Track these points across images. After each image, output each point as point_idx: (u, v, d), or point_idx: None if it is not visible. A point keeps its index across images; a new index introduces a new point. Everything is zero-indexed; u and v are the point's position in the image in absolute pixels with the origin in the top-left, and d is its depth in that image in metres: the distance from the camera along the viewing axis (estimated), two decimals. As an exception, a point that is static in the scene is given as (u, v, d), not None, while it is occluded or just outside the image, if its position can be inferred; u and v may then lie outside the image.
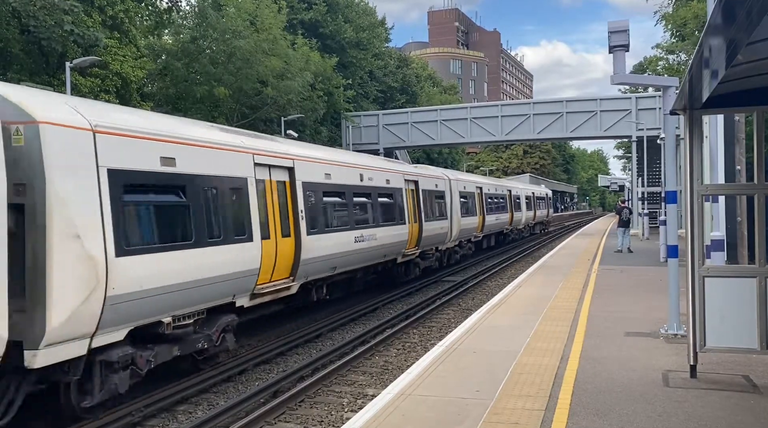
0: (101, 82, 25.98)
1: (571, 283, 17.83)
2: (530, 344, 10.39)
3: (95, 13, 26.16)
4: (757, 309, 7.85)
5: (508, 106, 51.02)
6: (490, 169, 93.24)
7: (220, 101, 35.43)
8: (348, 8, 54.75)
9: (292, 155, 13.99)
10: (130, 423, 9.05)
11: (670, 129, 12.93)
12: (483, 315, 13.05)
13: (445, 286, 22.80)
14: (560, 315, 12.96)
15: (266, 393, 10.30)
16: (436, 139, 49.95)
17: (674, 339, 10.65)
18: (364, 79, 55.56)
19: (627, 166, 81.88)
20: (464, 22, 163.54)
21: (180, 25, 35.74)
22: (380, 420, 6.99)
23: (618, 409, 7.18)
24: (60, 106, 8.43)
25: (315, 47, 45.28)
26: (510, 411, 7.15)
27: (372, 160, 20.81)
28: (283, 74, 36.98)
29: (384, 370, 12.04)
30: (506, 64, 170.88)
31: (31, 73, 24.30)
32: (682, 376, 8.39)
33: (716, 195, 15.08)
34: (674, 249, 11.34)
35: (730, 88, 7.27)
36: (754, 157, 8.51)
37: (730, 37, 4.39)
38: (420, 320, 16.56)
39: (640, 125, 41.89)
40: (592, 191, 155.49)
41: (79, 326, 8.05)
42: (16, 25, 23.52)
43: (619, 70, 11.73)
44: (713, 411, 7.12)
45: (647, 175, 43.05)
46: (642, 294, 15.79)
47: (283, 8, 40.85)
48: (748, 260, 17.08)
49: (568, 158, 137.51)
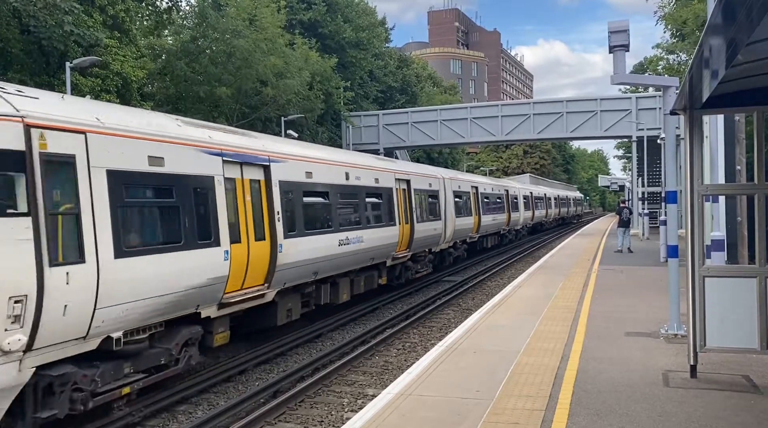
0: (102, 82, 25.97)
1: (571, 283, 17.83)
2: (530, 344, 10.39)
3: (96, 12, 26.16)
4: (757, 309, 7.85)
5: (508, 106, 51.00)
6: (490, 169, 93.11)
7: (221, 101, 35.43)
8: (348, 8, 54.69)
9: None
10: (130, 423, 9.05)
11: (671, 129, 12.95)
12: (483, 315, 13.05)
13: (445, 286, 22.81)
14: (560, 315, 12.96)
15: (266, 393, 10.30)
16: (436, 139, 49.94)
17: (674, 339, 10.65)
18: (364, 79, 55.52)
19: (627, 166, 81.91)
20: (464, 22, 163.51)
21: (180, 25, 35.73)
22: (380, 420, 6.99)
23: (618, 409, 7.18)
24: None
25: (315, 47, 45.25)
26: (510, 411, 7.15)
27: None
28: (283, 73, 36.96)
29: (384, 370, 12.04)
30: (506, 64, 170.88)
31: (32, 73, 24.29)
32: (682, 376, 8.39)
33: (716, 195, 15.09)
34: (674, 249, 11.34)
35: (730, 88, 7.27)
36: (754, 157, 8.51)
37: (730, 37, 4.39)
38: (420, 320, 16.56)
39: (640, 125, 41.88)
40: (592, 191, 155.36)
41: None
42: (17, 25, 23.51)
43: (619, 70, 11.73)
44: (713, 411, 7.12)
45: (647, 175, 43.05)
46: (642, 294, 15.79)
47: (282, 8, 40.82)
48: (748, 260, 17.08)
49: (568, 158, 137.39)
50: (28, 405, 7.75)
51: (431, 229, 23.29)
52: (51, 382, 7.95)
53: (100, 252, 8.38)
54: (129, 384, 9.06)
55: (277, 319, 13.30)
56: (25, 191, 7.52)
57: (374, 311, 18.10)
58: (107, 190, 8.70)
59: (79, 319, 8.13)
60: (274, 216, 12.71)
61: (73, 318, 8.03)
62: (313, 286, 14.85)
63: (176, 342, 10.04)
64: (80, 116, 8.63)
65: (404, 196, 20.95)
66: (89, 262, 8.22)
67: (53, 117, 8.08)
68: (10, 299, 7.27)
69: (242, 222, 11.77)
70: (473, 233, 30.50)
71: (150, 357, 9.61)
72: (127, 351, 9.09)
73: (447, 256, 26.97)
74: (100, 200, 8.58)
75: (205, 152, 10.88)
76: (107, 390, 8.69)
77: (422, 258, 23.10)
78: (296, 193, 13.84)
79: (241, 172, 11.99)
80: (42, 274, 7.54)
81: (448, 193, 25.91)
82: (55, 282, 7.69)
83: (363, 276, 17.84)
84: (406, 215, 20.76)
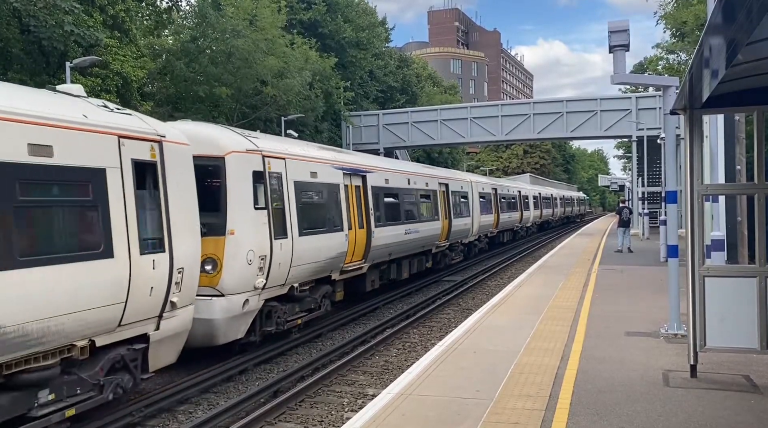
0: (102, 82, 25.96)
1: (571, 283, 17.83)
2: (530, 344, 10.39)
3: (96, 12, 26.14)
4: (757, 309, 7.85)
5: (508, 106, 51.02)
6: (490, 168, 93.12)
7: (221, 101, 35.42)
8: (348, 8, 54.65)
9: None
10: (130, 423, 9.05)
11: (671, 129, 12.96)
12: (483, 315, 13.05)
13: (445, 286, 22.81)
14: (560, 314, 12.96)
15: (266, 393, 10.30)
16: (437, 139, 49.95)
17: (674, 339, 10.65)
18: (364, 79, 55.48)
19: (627, 165, 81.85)
20: (464, 21, 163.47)
21: (180, 25, 35.70)
22: (380, 420, 7.00)
23: (618, 409, 7.18)
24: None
25: (314, 47, 45.20)
26: (510, 411, 7.15)
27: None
28: (283, 73, 36.94)
29: (384, 370, 12.05)
30: (506, 64, 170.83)
31: (32, 73, 24.28)
32: (682, 376, 8.39)
33: (716, 195, 15.08)
34: (674, 249, 11.34)
35: (730, 88, 7.27)
36: (754, 157, 8.51)
37: (730, 37, 4.38)
38: (420, 320, 16.57)
39: (640, 125, 41.87)
40: (592, 191, 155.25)
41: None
42: (17, 25, 23.50)
43: (619, 69, 11.74)
44: (713, 411, 7.12)
45: (647, 175, 43.03)
46: (642, 294, 15.79)
47: (282, 8, 40.77)
48: (748, 260, 17.08)
49: (568, 158, 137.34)
50: (257, 321, 12.47)
51: (463, 224, 27.92)
52: (270, 310, 12.83)
53: (293, 232, 13.25)
54: (300, 318, 14.01)
55: (366, 286, 18.01)
56: (263, 195, 12.38)
57: (374, 311, 18.12)
58: (294, 194, 13.55)
59: (283, 272, 12.89)
60: (369, 211, 17.59)
61: (281, 272, 12.81)
62: (386, 265, 19.53)
63: (319, 294, 14.85)
64: (281, 148, 13.65)
65: (444, 197, 25.56)
66: (288, 238, 13.06)
67: (271, 150, 13.05)
68: (259, 257, 12.04)
69: (352, 215, 16.51)
70: (493, 228, 35.36)
71: (307, 302, 14.37)
72: (298, 296, 13.77)
73: (473, 248, 31.37)
74: (292, 200, 13.41)
75: (335, 168, 16.01)
76: (291, 320, 13.55)
77: (456, 248, 27.81)
78: (380, 195, 18.71)
79: (351, 180, 16.84)
80: (272, 243, 12.41)
81: (474, 194, 30.49)
82: (276, 248, 12.52)
83: (416, 260, 22.47)
84: (445, 212, 25.39)
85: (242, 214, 11.84)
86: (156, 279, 9.07)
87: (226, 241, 11.51)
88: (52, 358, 7.71)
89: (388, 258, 19.13)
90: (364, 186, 17.46)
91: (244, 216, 11.87)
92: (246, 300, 11.75)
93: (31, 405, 7.57)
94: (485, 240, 33.59)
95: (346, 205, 15.97)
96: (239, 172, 11.94)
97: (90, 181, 8.16)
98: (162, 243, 9.30)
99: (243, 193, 11.94)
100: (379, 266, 18.75)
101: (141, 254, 8.77)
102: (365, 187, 17.52)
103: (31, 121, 7.46)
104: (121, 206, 8.56)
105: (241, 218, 11.80)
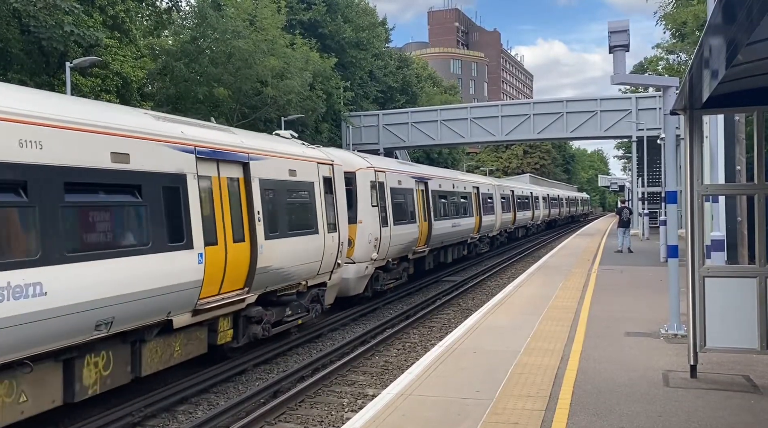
0: (102, 82, 25.96)
1: (571, 283, 17.84)
2: (530, 344, 10.39)
3: (96, 12, 26.14)
4: (757, 309, 7.85)
5: (508, 106, 51.03)
6: (490, 169, 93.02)
7: (220, 101, 35.40)
8: (348, 8, 54.62)
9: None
10: (130, 423, 9.04)
11: (670, 129, 12.95)
12: (483, 315, 13.05)
13: (445, 286, 22.82)
14: (560, 315, 12.96)
15: (266, 393, 10.30)
16: (436, 139, 49.96)
17: (674, 339, 10.65)
18: (363, 79, 55.46)
19: (627, 166, 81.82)
20: (464, 22, 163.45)
21: (180, 25, 35.68)
22: (380, 420, 6.99)
23: (618, 409, 7.18)
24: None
25: (314, 47, 45.18)
26: (510, 411, 7.15)
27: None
28: (283, 74, 36.92)
29: (384, 370, 12.04)
30: (506, 64, 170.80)
31: (32, 73, 24.29)
32: (682, 376, 8.39)
33: (716, 195, 15.09)
34: (674, 249, 11.34)
35: (730, 88, 7.27)
36: (754, 157, 8.51)
37: (730, 37, 4.38)
38: (420, 320, 16.57)
39: (640, 125, 41.87)
40: (592, 191, 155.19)
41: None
42: (17, 25, 23.50)
43: (619, 70, 11.72)
44: (713, 411, 7.12)
45: (647, 175, 43.05)
46: (642, 294, 15.80)
47: (282, 8, 40.75)
48: (748, 260, 17.08)
49: (568, 158, 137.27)
50: (370, 283, 18.14)
51: (489, 221, 33.86)
52: (377, 275, 18.52)
53: (390, 222, 18.70)
54: (393, 282, 20.06)
55: (426, 265, 23.83)
56: (375, 197, 18.17)
57: (374, 311, 18.12)
58: (390, 196, 19.27)
59: (384, 250, 18.39)
60: (429, 208, 23.10)
61: (384, 249, 18.36)
62: (437, 251, 25.07)
63: (402, 268, 20.88)
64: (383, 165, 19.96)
65: (476, 198, 31.34)
66: (388, 226, 18.53)
67: (378, 166, 18.94)
68: (375, 238, 17.72)
69: (419, 210, 22.01)
70: (511, 225, 41.55)
71: (396, 272, 20.21)
72: (391, 268, 19.62)
73: (495, 240, 37.27)
74: (389, 200, 19.11)
75: (410, 177, 21.75)
76: (385, 284, 19.26)
77: (484, 240, 33.74)
78: (436, 196, 24.26)
79: (418, 185, 22.37)
80: (381, 230, 18.05)
81: (497, 195, 36.54)
82: (383, 233, 18.17)
83: (457, 248, 28.24)
84: (477, 210, 31.24)
85: (365, 210, 17.65)
86: (333, 248, 14.75)
87: (357, 227, 17.20)
88: (290, 290, 13.21)
89: (440, 245, 24.83)
90: (426, 189, 23.09)
91: (367, 211, 17.68)
92: (366, 267, 17.54)
93: (284, 315, 13.16)
94: (505, 234, 39.98)
95: (419, 203, 21.96)
96: (363, 182, 17.75)
97: (309, 189, 14.00)
98: (335, 227, 15.14)
99: (366, 195, 17.73)
100: (433, 251, 24.40)
101: (327, 233, 14.46)
102: (427, 190, 23.17)
103: (291, 157, 13.58)
104: (321, 204, 14.39)
105: (365, 212, 17.61)
